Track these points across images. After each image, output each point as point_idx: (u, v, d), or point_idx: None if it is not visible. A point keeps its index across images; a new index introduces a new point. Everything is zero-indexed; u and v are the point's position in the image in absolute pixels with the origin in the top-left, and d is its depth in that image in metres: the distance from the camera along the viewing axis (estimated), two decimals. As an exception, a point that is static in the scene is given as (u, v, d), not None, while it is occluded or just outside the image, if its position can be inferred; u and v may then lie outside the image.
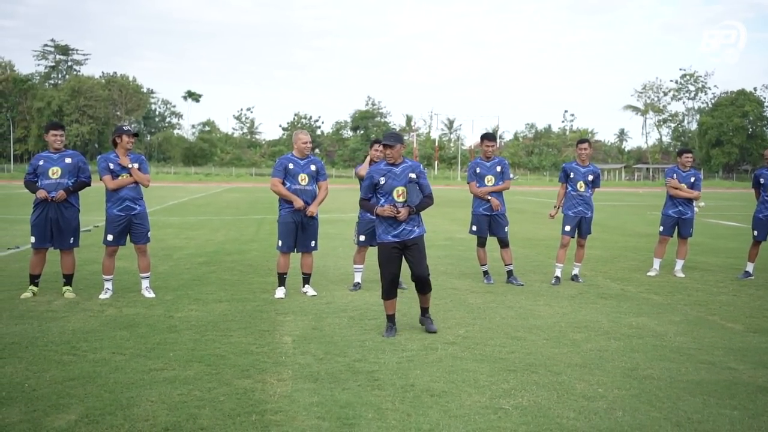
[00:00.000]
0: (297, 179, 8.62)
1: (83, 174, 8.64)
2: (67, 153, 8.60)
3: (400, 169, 6.93)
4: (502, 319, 7.70)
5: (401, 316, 7.74)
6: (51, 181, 8.38)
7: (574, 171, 10.19)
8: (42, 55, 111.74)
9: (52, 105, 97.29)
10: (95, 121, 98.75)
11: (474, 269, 10.99)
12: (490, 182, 9.98)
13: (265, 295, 8.86)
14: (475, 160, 10.28)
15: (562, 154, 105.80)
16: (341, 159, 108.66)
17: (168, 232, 16.73)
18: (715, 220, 23.70)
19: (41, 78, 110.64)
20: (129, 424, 4.45)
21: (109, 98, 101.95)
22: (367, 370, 5.68)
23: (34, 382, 5.25)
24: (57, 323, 7.15)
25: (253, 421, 4.53)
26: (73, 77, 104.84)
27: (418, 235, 6.94)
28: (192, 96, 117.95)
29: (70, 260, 8.67)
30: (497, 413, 4.75)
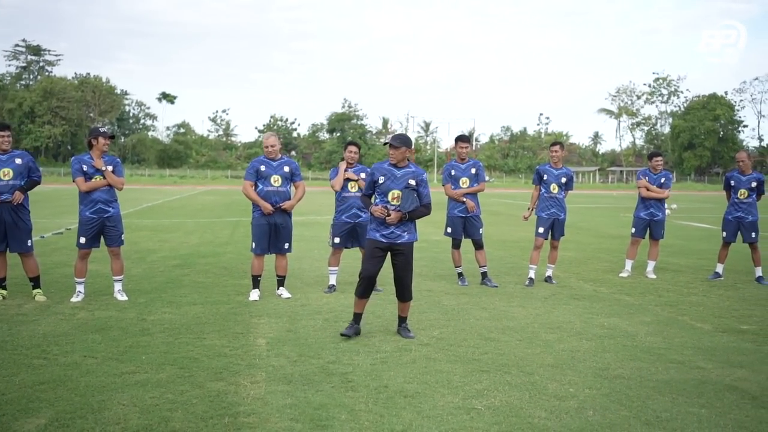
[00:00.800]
0: (269, 181, 8.62)
1: (34, 174, 8.54)
2: (15, 153, 8.46)
3: (401, 173, 6.87)
4: (476, 320, 7.75)
5: (375, 318, 7.77)
6: (3, 182, 8.25)
7: (547, 173, 10.28)
8: (13, 55, 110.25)
9: (23, 106, 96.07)
10: (68, 123, 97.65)
11: (449, 271, 11.04)
12: (464, 184, 10.03)
13: (240, 297, 8.83)
14: (450, 162, 10.33)
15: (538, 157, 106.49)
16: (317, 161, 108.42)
17: (142, 234, 16.59)
18: (686, 222, 24.02)
19: (12, 79, 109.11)
20: (100, 427, 4.42)
21: (82, 99, 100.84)
22: (341, 372, 5.69)
23: (2, 386, 5.19)
24: (27, 326, 7.07)
25: (225, 424, 4.52)
26: (45, 78, 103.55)
27: (407, 242, 6.86)
28: (167, 98, 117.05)
29: (33, 263, 8.57)
30: (470, 413, 4.79)
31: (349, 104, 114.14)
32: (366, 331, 7.14)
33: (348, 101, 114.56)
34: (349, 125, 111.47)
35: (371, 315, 7.89)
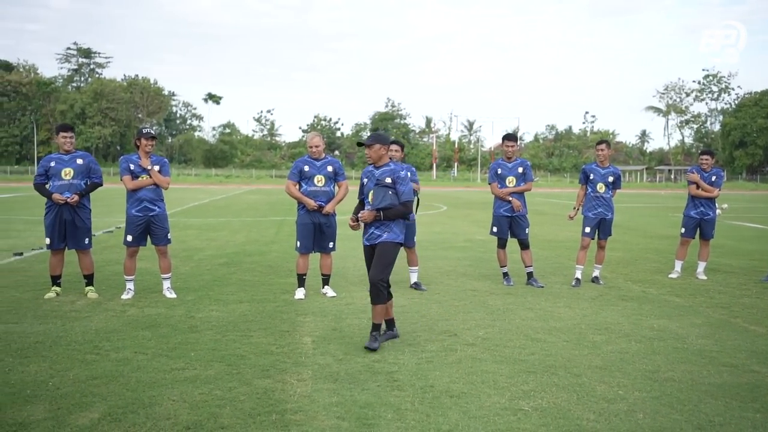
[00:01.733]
0: (313, 181, 8.66)
1: (94, 175, 8.71)
2: (77, 154, 8.67)
3: (380, 172, 6.62)
4: (522, 320, 7.68)
5: (420, 317, 7.76)
6: (63, 182, 8.46)
7: (593, 172, 10.14)
8: (65, 58, 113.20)
9: (74, 107, 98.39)
10: (117, 124, 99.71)
11: (494, 271, 10.97)
12: (511, 183, 9.94)
13: (285, 296, 8.90)
14: (497, 161, 10.23)
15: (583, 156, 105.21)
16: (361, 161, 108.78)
17: (189, 233, 16.85)
18: (738, 221, 23.46)
19: (64, 81, 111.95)
20: (151, 422, 4.50)
21: (131, 101, 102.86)
22: (387, 371, 5.70)
23: (58, 380, 5.32)
24: (80, 323, 7.24)
25: (273, 421, 4.56)
26: (96, 80, 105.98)
27: (383, 241, 6.54)
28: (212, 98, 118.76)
29: (88, 260, 8.76)
30: (516, 414, 4.75)
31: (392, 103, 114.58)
32: (410, 330, 7.14)
33: (391, 100, 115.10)
34: (392, 124, 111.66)
35: (416, 314, 7.89)
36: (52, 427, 4.39)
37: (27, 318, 7.41)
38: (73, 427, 4.39)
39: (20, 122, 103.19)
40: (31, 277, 10.01)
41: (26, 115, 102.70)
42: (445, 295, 9.13)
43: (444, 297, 8.97)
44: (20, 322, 7.24)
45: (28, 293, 8.76)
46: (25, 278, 9.88)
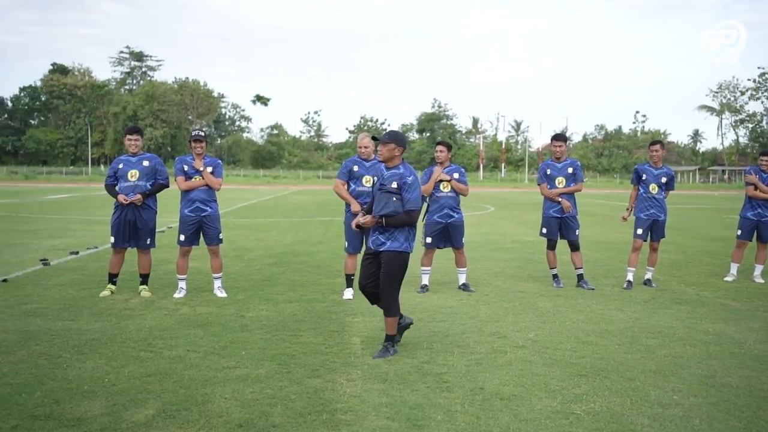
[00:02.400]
0: (361, 181, 8.68)
1: (160, 176, 8.87)
2: (145, 156, 8.85)
3: (388, 174, 6.31)
4: (573, 323, 7.58)
5: (468, 318, 7.72)
6: (129, 183, 8.65)
7: (646, 173, 9.95)
8: (118, 61, 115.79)
9: (127, 110, 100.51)
10: (168, 125, 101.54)
11: (543, 273, 10.85)
12: (560, 184, 9.81)
13: (334, 296, 8.95)
14: (546, 161, 10.12)
15: (633, 156, 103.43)
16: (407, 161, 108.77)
17: (238, 233, 17.07)
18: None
19: (117, 84, 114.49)
20: (204, 419, 4.57)
21: (182, 103, 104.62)
22: (436, 372, 5.68)
23: (113, 377, 5.43)
24: (134, 321, 7.39)
25: (323, 420, 4.58)
26: (147, 83, 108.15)
27: (388, 250, 6.19)
28: (261, 100, 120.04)
29: (147, 260, 8.93)
30: (569, 418, 4.69)
31: (439, 104, 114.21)
32: (460, 331, 7.11)
33: (437, 101, 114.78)
34: (439, 125, 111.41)
35: (465, 315, 7.85)
36: (109, 423, 4.48)
37: (83, 315, 7.60)
38: (129, 423, 4.48)
39: (75, 124, 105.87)
40: (87, 275, 10.25)
41: (81, 118, 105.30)
42: (494, 296, 9.07)
43: (493, 298, 8.91)
44: (77, 319, 7.42)
45: (83, 291, 8.98)
46: (81, 277, 10.12)
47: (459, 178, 9.43)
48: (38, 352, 6.08)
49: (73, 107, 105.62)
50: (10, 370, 5.57)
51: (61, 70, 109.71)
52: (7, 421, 4.48)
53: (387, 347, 6.22)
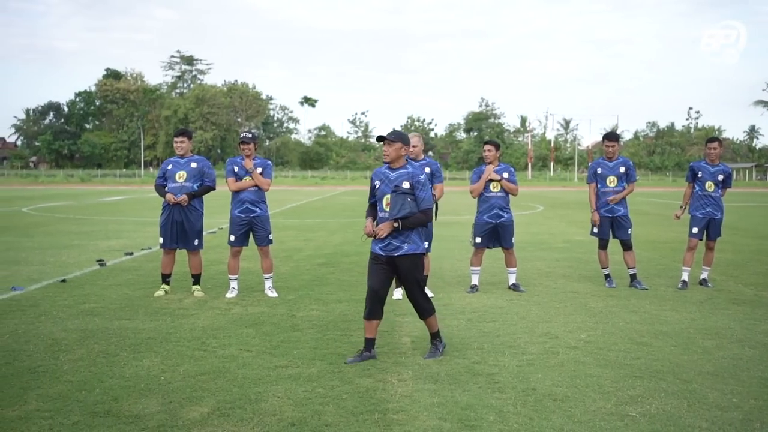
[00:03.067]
0: None
1: (207, 179, 9.00)
2: (193, 158, 8.99)
3: (396, 175, 6.03)
4: (626, 323, 7.45)
5: (519, 319, 7.65)
6: (177, 184, 8.79)
7: (702, 170, 9.72)
8: (169, 65, 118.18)
9: (178, 113, 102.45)
10: (218, 128, 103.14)
11: (594, 272, 10.69)
12: (612, 183, 9.65)
13: (383, 296, 8.95)
14: (597, 160, 9.96)
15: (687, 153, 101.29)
16: (455, 161, 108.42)
17: (288, 234, 17.23)
18: None
19: (168, 87, 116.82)
20: (258, 418, 4.62)
21: (231, 105, 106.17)
22: (487, 373, 5.65)
23: (169, 375, 5.54)
24: (188, 320, 7.52)
25: (375, 420, 4.60)
26: (198, 86, 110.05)
27: (407, 253, 5.96)
28: (308, 101, 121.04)
29: (197, 261, 9.08)
30: (624, 420, 4.61)
31: (486, 103, 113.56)
32: (510, 332, 7.05)
33: (485, 100, 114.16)
34: (486, 124, 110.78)
35: (515, 316, 7.78)
36: (166, 420, 4.57)
37: (139, 315, 7.76)
38: (185, 421, 4.56)
39: (128, 128, 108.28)
40: (142, 275, 10.47)
41: (133, 121, 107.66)
42: (545, 296, 8.98)
43: (543, 299, 8.82)
44: (133, 318, 7.58)
45: (139, 291, 9.17)
46: (136, 277, 10.35)
47: (509, 178, 9.36)
48: (97, 351, 6.24)
49: (126, 111, 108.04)
50: (71, 367, 5.73)
51: (114, 75, 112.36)
52: (69, 418, 4.60)
53: (437, 345, 6.17)
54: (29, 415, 4.65)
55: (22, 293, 8.96)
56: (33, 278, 10.13)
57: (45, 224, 20.03)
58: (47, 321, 7.40)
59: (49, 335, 6.79)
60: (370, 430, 4.44)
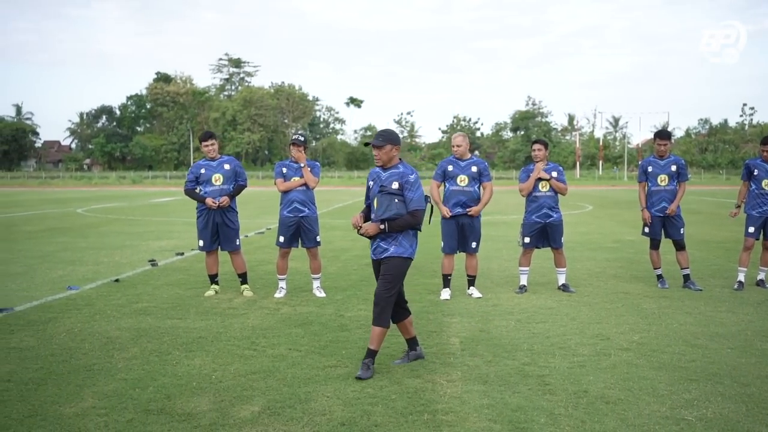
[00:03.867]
0: (456, 180, 8.66)
1: (240, 178, 9.09)
2: (224, 159, 9.07)
3: (386, 175, 5.80)
4: (680, 325, 7.29)
5: (569, 320, 7.54)
6: (215, 188, 8.88)
7: (758, 168, 9.44)
8: (217, 68, 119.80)
9: (226, 115, 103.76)
10: (265, 129, 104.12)
11: (646, 273, 10.49)
12: (663, 182, 9.45)
13: (431, 296, 8.94)
14: (647, 158, 9.77)
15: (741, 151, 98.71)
16: (501, 160, 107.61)
17: (335, 234, 17.31)
18: None
19: (216, 90, 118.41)
20: (307, 417, 4.65)
21: (278, 107, 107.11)
22: (537, 374, 5.58)
23: (220, 374, 5.61)
24: (238, 320, 7.60)
25: (425, 421, 4.58)
26: (245, 88, 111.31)
27: (392, 255, 5.71)
28: (354, 102, 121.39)
29: (240, 260, 9.17)
30: (679, 424, 4.50)
31: (533, 101, 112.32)
32: (560, 333, 6.96)
33: (532, 98, 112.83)
34: (533, 123, 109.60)
35: (565, 317, 7.68)
36: (217, 418, 4.63)
37: (190, 314, 7.88)
38: (236, 419, 4.61)
39: (177, 130, 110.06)
40: (192, 275, 10.63)
41: (183, 123, 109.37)
42: (595, 297, 8.84)
43: (594, 299, 8.68)
44: (184, 318, 7.70)
45: (189, 291, 9.31)
46: (186, 277, 10.51)
47: (558, 177, 9.24)
48: (149, 349, 6.35)
49: (176, 114, 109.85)
50: (125, 365, 5.84)
51: (164, 78, 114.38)
52: (124, 415, 4.69)
53: (368, 365, 5.57)
54: (86, 412, 4.75)
55: (78, 292, 9.18)
56: (88, 278, 10.38)
57: (99, 225, 20.50)
58: (102, 320, 7.57)
59: (103, 334, 6.94)
60: (420, 431, 4.42)
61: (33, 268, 11.49)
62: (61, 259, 12.61)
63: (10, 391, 5.19)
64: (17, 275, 10.67)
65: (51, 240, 15.99)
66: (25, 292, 9.19)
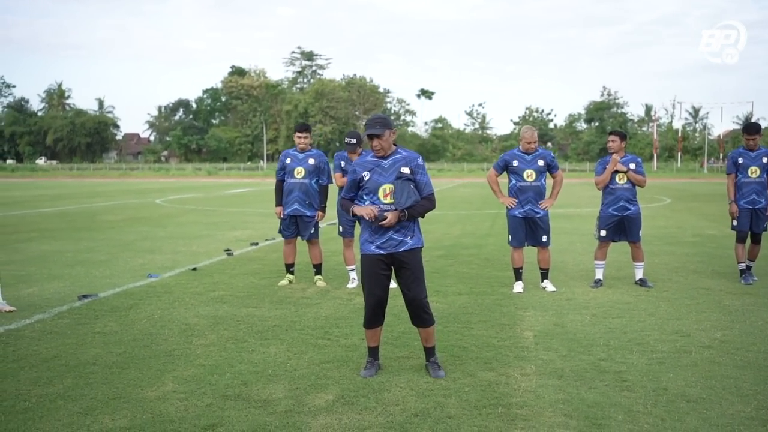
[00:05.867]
0: (523, 176, 8.49)
1: (323, 176, 9.09)
2: (311, 153, 9.11)
3: (389, 162, 5.36)
4: (765, 323, 7.01)
5: (648, 315, 7.34)
6: (295, 180, 8.97)
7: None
8: (290, 61, 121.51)
9: (298, 107, 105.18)
10: (336, 122, 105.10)
11: (729, 268, 10.12)
12: (753, 174, 9.09)
13: (504, 289, 8.85)
14: (737, 149, 9.41)
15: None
16: (575, 152, 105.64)
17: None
18: None
19: (289, 83, 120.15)
20: (381, 407, 4.67)
21: (349, 99, 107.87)
22: (615, 370, 5.46)
23: (294, 362, 5.69)
24: (311, 309, 7.70)
25: (499, 414, 4.54)
26: (317, 81, 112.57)
27: (411, 248, 5.37)
28: (425, 94, 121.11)
29: (317, 251, 9.26)
30: (765, 426, 4.34)
31: (609, 92, 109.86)
32: (638, 328, 6.78)
33: (607, 89, 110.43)
34: (609, 114, 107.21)
35: (643, 312, 7.48)
36: (293, 406, 4.69)
37: (265, 303, 8.02)
38: (311, 407, 4.67)
39: (251, 122, 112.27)
40: (266, 265, 10.81)
41: (256, 116, 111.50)
42: (675, 292, 8.58)
43: (673, 295, 8.43)
44: (259, 306, 7.84)
45: (264, 280, 9.48)
46: (261, 266, 10.70)
47: (635, 169, 9.00)
48: (226, 337, 6.49)
49: (250, 107, 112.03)
50: (203, 352, 5.99)
51: (238, 72, 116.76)
52: (202, 400, 4.81)
53: (438, 363, 5.45)
54: (166, 395, 4.90)
55: (158, 280, 9.46)
56: (167, 266, 10.68)
57: (176, 215, 21.09)
58: (180, 307, 7.78)
59: (182, 320, 7.13)
60: (494, 424, 4.39)
61: (115, 256, 11.90)
62: (141, 247, 13.03)
63: (95, 374, 5.39)
64: (101, 263, 11.07)
65: (131, 229, 16.54)
66: (108, 279, 9.53)
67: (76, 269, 10.41)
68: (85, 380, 5.22)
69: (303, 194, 8.97)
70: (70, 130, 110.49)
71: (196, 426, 4.36)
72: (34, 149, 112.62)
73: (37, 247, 13.08)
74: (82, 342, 6.29)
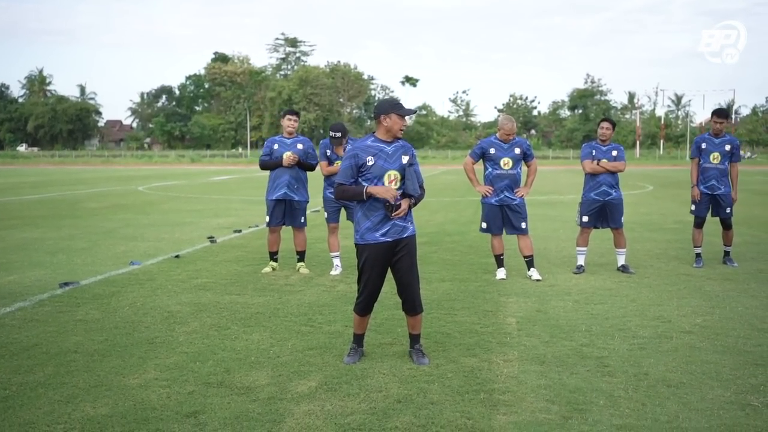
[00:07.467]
0: (499, 164, 8.49)
1: (311, 159, 9.13)
2: (298, 139, 9.11)
3: (393, 148, 5.30)
4: (745, 308, 7.08)
5: (629, 301, 7.40)
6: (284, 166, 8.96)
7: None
8: (273, 48, 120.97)
9: (282, 94, 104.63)
10: (320, 108, 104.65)
11: (710, 254, 10.16)
12: (715, 160, 9.28)
13: (487, 275, 8.87)
14: (703, 135, 9.56)
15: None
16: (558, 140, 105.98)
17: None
18: None
19: (273, 70, 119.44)
20: (364, 393, 4.68)
21: (333, 86, 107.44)
22: (596, 356, 5.49)
23: (277, 349, 5.68)
24: (294, 296, 7.68)
25: (481, 399, 4.56)
26: (301, 68, 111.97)
27: (411, 235, 5.36)
28: (409, 81, 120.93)
29: (302, 237, 9.24)
30: (744, 410, 4.38)
31: (592, 79, 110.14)
32: (620, 314, 6.83)
33: (590, 76, 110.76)
34: (592, 101, 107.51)
35: (625, 298, 7.53)
36: (275, 393, 4.69)
37: (248, 290, 7.99)
38: (293, 394, 4.67)
39: (234, 109, 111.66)
40: (249, 252, 10.78)
41: (240, 103, 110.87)
42: (656, 278, 8.64)
43: (655, 281, 8.50)
44: (242, 293, 7.82)
45: (247, 267, 9.45)
46: (244, 253, 10.66)
47: (617, 155, 9.04)
48: (209, 324, 6.47)
49: (233, 93, 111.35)
50: (185, 339, 5.97)
51: (222, 58, 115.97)
52: (185, 387, 4.79)
53: (422, 351, 5.43)
54: (148, 383, 4.87)
55: (140, 267, 9.40)
56: (149, 253, 10.62)
57: (159, 202, 20.96)
58: (163, 294, 7.74)
59: (165, 308, 7.09)
60: (476, 409, 4.40)
61: (97, 243, 11.81)
62: (124, 235, 12.94)
63: (76, 361, 5.36)
64: (82, 250, 10.99)
65: (114, 216, 16.42)
66: (90, 267, 9.46)
67: (58, 257, 10.33)
68: (66, 368, 5.19)
69: (293, 179, 8.94)
70: (51, 117, 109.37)
71: (179, 413, 4.34)
72: (15, 136, 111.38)
73: (18, 234, 12.95)
74: (63, 330, 6.25)
